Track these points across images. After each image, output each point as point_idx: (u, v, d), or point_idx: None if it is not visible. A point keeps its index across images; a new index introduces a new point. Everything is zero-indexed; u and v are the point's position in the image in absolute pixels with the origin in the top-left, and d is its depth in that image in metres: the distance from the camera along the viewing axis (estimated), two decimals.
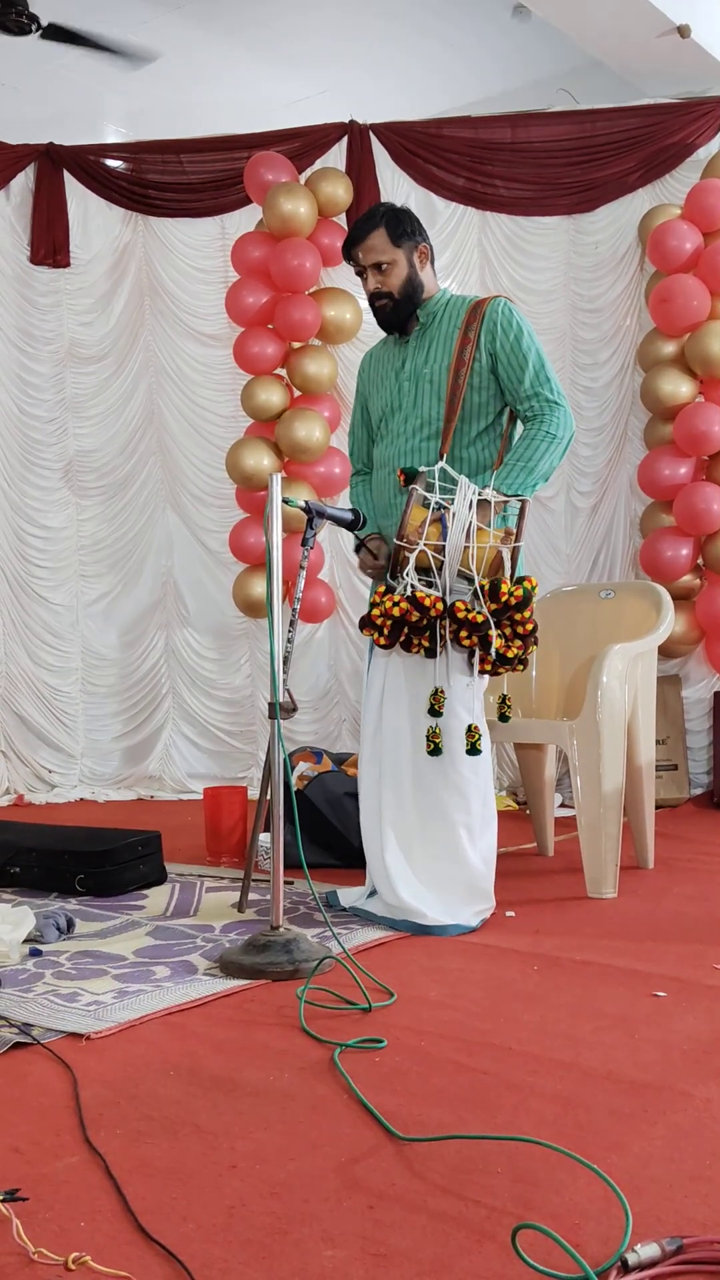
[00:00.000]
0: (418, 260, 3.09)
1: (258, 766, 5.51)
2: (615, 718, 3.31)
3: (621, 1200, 1.45)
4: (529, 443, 2.99)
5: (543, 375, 3.01)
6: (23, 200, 5.65)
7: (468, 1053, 2.05)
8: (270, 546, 2.74)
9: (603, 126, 5.28)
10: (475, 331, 3.03)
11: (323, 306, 5.12)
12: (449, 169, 5.40)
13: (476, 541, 2.83)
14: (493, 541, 2.84)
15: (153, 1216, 1.46)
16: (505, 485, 2.94)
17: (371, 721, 3.12)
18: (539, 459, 2.97)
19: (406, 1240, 1.41)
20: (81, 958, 2.71)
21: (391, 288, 3.07)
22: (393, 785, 3.03)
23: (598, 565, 5.45)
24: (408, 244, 3.07)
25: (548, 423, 2.99)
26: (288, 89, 6.73)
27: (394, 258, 3.05)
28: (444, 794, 2.96)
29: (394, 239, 3.05)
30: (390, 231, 3.05)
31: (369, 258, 3.07)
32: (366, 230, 3.06)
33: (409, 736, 3.00)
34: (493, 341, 3.02)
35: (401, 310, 3.10)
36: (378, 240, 3.05)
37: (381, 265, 3.06)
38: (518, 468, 2.96)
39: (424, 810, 2.99)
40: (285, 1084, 1.93)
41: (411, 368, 3.12)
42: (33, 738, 5.70)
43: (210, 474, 5.62)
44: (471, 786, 2.96)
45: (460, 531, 2.83)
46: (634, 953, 2.70)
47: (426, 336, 3.11)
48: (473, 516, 2.84)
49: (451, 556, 2.83)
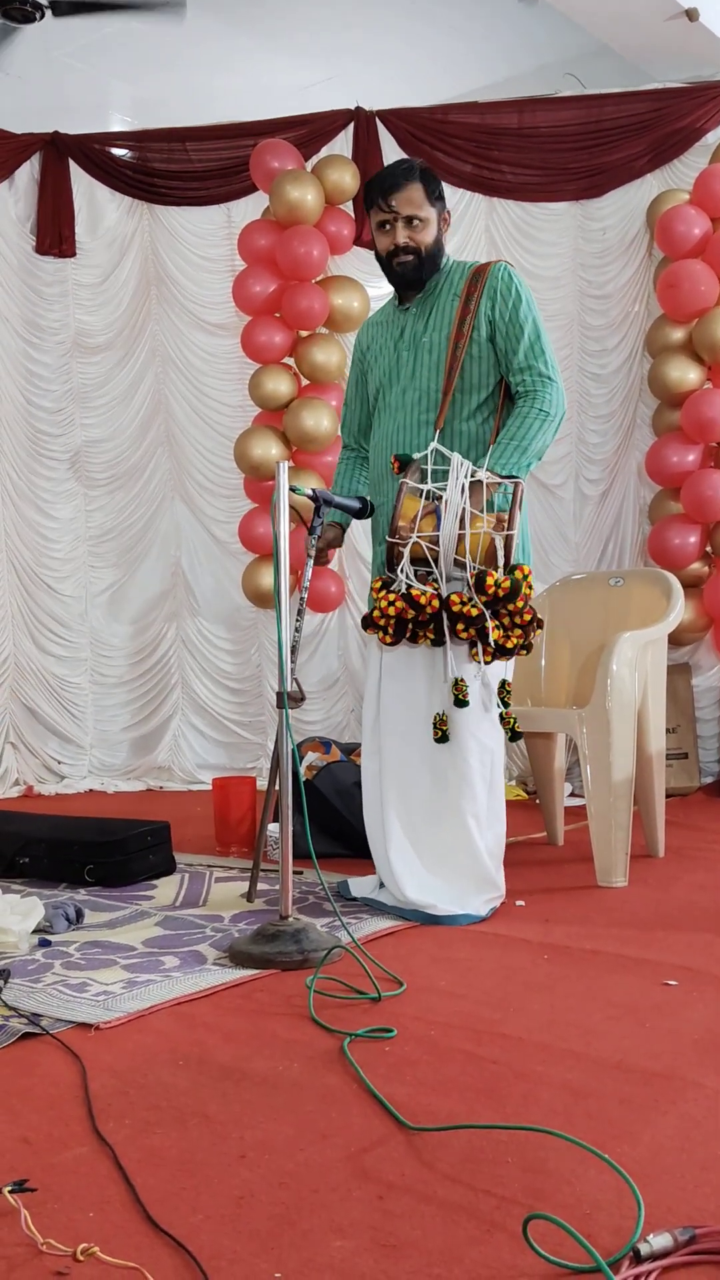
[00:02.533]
0: (443, 224, 3.05)
1: (266, 757, 5.50)
2: (625, 706, 3.30)
3: (633, 1190, 1.45)
4: (522, 420, 2.92)
5: (538, 347, 2.95)
6: (28, 189, 5.63)
7: (477, 1042, 2.05)
8: (277, 535, 2.72)
9: (610, 111, 5.24)
10: (476, 301, 2.97)
11: (330, 294, 5.09)
12: (456, 155, 5.36)
13: (470, 528, 2.79)
14: (486, 528, 2.80)
15: (161, 1207, 1.46)
16: (499, 465, 2.88)
17: (371, 713, 3.11)
18: (532, 437, 2.91)
19: (416, 1230, 1.40)
20: (90, 948, 2.71)
21: (420, 244, 3.00)
22: (396, 776, 3.00)
23: (607, 553, 5.43)
24: (440, 205, 3.03)
25: (540, 399, 2.93)
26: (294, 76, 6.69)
27: (429, 215, 2.99)
28: (452, 783, 2.94)
29: (430, 197, 2.99)
30: (427, 189, 2.99)
31: (405, 209, 2.97)
32: (404, 180, 2.97)
33: (413, 725, 2.97)
34: (491, 309, 2.96)
35: (424, 269, 3.03)
36: (416, 194, 2.97)
37: (415, 220, 2.98)
38: (511, 446, 2.90)
39: (432, 800, 2.97)
40: (294, 1074, 1.92)
41: (411, 336, 3.06)
42: (41, 729, 5.70)
43: (218, 464, 5.61)
44: (479, 776, 2.94)
45: (454, 519, 2.80)
46: (644, 942, 2.69)
47: (428, 304, 3.06)
48: (465, 502, 2.80)
49: (446, 545, 2.80)
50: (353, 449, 3.34)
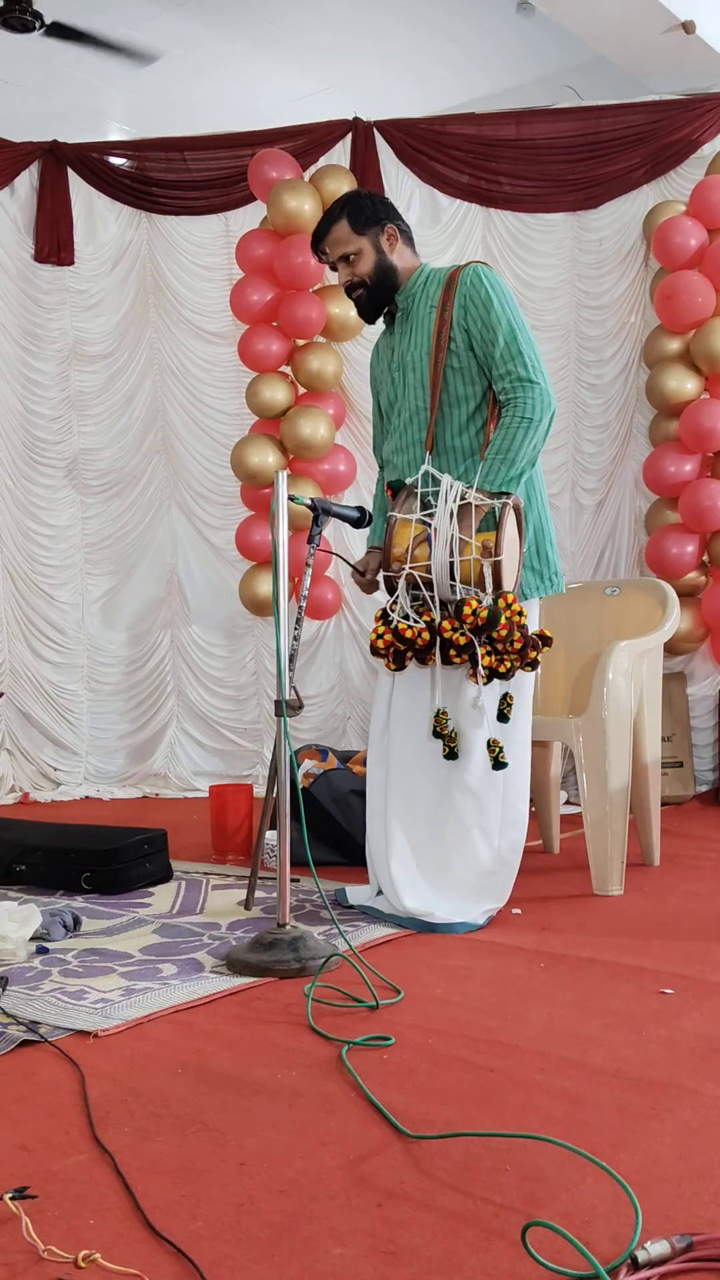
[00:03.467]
0: (385, 243, 3.02)
1: (263, 764, 5.51)
2: (621, 715, 3.31)
3: (631, 1198, 1.45)
4: (505, 431, 2.86)
5: (514, 348, 2.87)
6: (27, 198, 5.65)
7: (475, 1050, 2.05)
8: (276, 544, 2.73)
9: (607, 123, 5.27)
10: (450, 310, 2.92)
11: (327, 303, 5.11)
12: (453, 166, 5.39)
13: (460, 555, 2.77)
14: (475, 554, 2.77)
15: (162, 1214, 1.46)
16: (487, 482, 2.83)
17: (380, 722, 3.11)
18: (518, 448, 2.84)
19: (416, 1238, 1.41)
20: (88, 955, 2.71)
21: (362, 275, 3.01)
22: (401, 786, 3.00)
23: (603, 562, 5.45)
24: (372, 230, 3.01)
25: (521, 405, 2.85)
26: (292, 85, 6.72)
27: (359, 246, 3.00)
28: (457, 796, 2.93)
29: (356, 227, 3.00)
30: (352, 221, 3.00)
31: (335, 251, 3.03)
32: (328, 225, 3.02)
33: (422, 737, 2.97)
34: (465, 316, 2.90)
35: (378, 296, 3.04)
36: (340, 232, 3.01)
37: (348, 256, 3.01)
38: (497, 461, 2.84)
39: (436, 811, 2.96)
40: (293, 1082, 1.93)
41: (399, 357, 3.06)
42: (38, 735, 5.70)
43: (215, 471, 5.63)
44: (488, 789, 2.92)
45: (444, 547, 2.77)
46: (640, 950, 2.70)
47: (409, 323, 3.04)
48: (454, 529, 2.77)
49: (439, 574, 2.78)
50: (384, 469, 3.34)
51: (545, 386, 2.89)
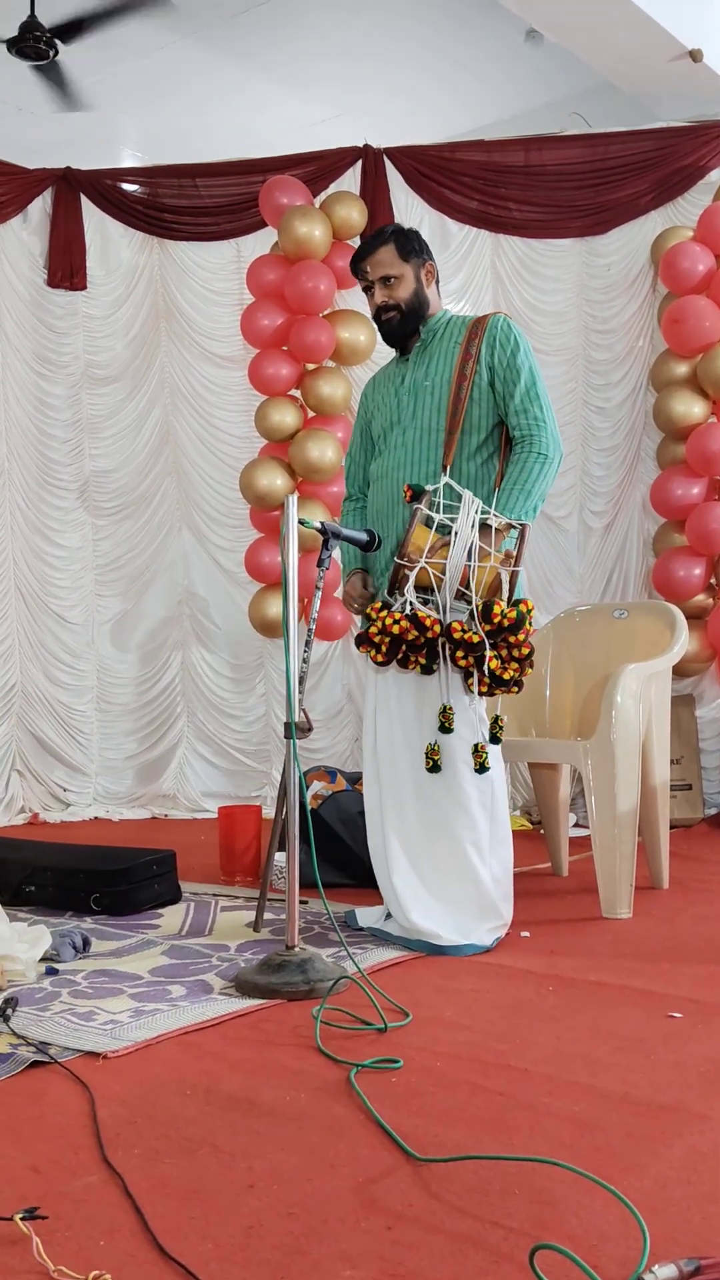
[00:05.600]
0: (424, 277, 3.16)
1: (272, 785, 5.51)
2: (629, 737, 3.31)
3: (639, 1221, 1.46)
4: (523, 465, 3.01)
5: (533, 392, 3.04)
6: (40, 224, 5.70)
7: (484, 1073, 2.06)
8: (286, 567, 2.75)
9: (615, 149, 5.32)
10: (476, 348, 3.07)
11: (337, 328, 5.15)
12: (462, 192, 5.43)
13: (478, 561, 2.84)
14: (493, 562, 2.85)
15: (171, 1235, 1.47)
16: (506, 510, 2.95)
17: (370, 741, 3.14)
18: (534, 481, 2.99)
19: (425, 1261, 1.41)
20: (97, 977, 2.72)
21: (399, 300, 3.13)
22: (394, 804, 3.03)
23: (611, 585, 5.46)
24: (415, 260, 3.15)
25: (537, 443, 3.01)
26: (303, 113, 6.80)
27: (401, 271, 3.13)
28: (450, 812, 2.96)
29: (402, 254, 3.13)
30: (399, 247, 3.13)
31: (377, 271, 3.14)
32: (375, 245, 3.14)
33: (405, 754, 3.01)
34: (491, 355, 3.05)
35: (408, 323, 3.15)
36: (386, 255, 3.13)
37: (389, 279, 3.13)
38: (516, 491, 2.99)
39: (429, 828, 2.99)
40: (302, 1104, 1.93)
41: (412, 382, 3.15)
42: (48, 756, 5.72)
43: (225, 494, 5.66)
44: (476, 805, 2.96)
45: (462, 551, 2.84)
46: (649, 973, 2.70)
47: (428, 352, 3.16)
48: (475, 536, 2.85)
49: (452, 576, 2.84)
50: (356, 500, 3.40)
51: (557, 435, 3.07)
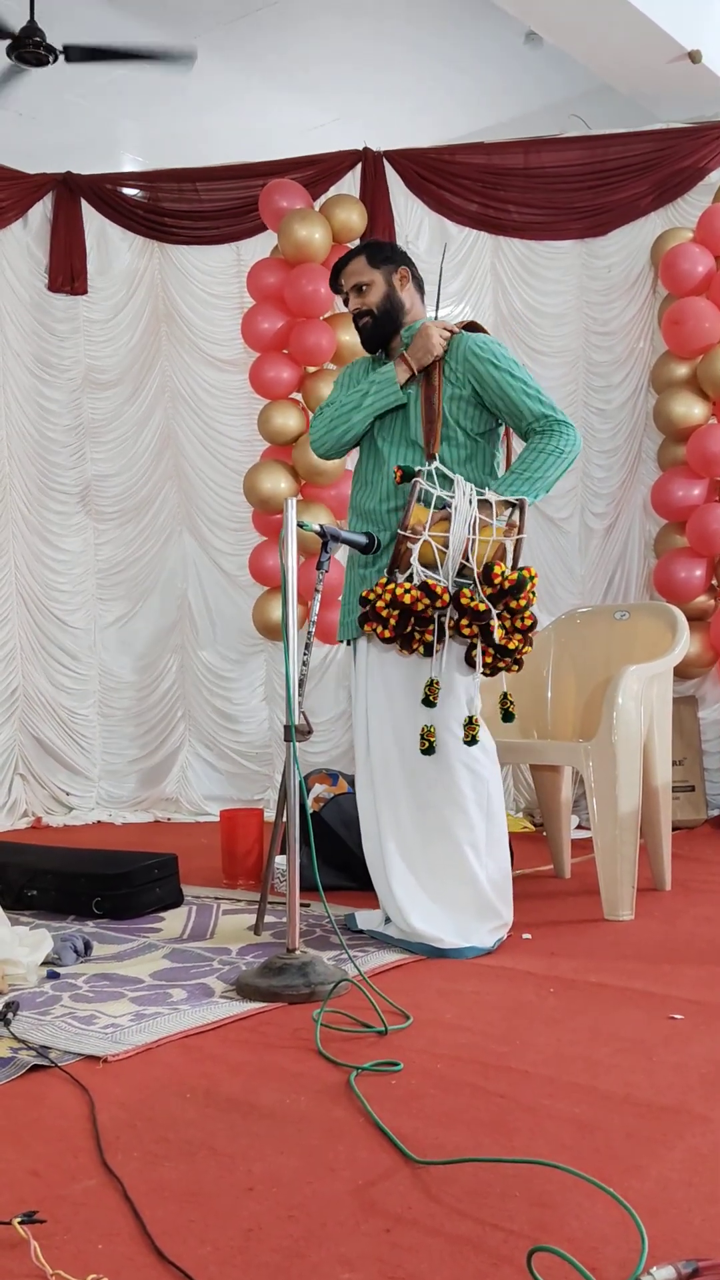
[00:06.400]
0: (397, 282, 3.18)
1: (274, 789, 5.51)
2: (631, 739, 3.31)
3: (638, 1223, 1.45)
4: (537, 454, 2.99)
5: (546, 400, 3.05)
6: (41, 229, 5.71)
7: (484, 1076, 2.05)
8: (285, 570, 2.75)
9: (615, 151, 5.32)
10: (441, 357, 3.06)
11: (337, 331, 5.15)
12: (462, 194, 5.44)
13: (479, 535, 2.83)
14: (496, 535, 2.84)
15: (170, 1239, 1.47)
16: (508, 491, 2.95)
17: (362, 745, 3.13)
18: (542, 472, 2.98)
19: (424, 1263, 1.41)
20: (99, 980, 2.72)
21: (370, 305, 3.17)
22: (389, 807, 3.02)
23: (612, 586, 5.45)
24: (386, 267, 3.19)
25: (558, 438, 3.00)
26: (302, 116, 6.80)
27: (371, 278, 3.17)
28: (446, 812, 2.95)
29: (372, 262, 3.19)
30: (369, 257, 3.20)
31: (349, 281, 3.21)
32: (348, 259, 3.23)
33: (398, 755, 2.99)
34: (475, 370, 3.03)
35: (382, 326, 3.18)
36: (357, 265, 3.20)
37: (361, 286, 3.18)
38: (523, 477, 2.97)
39: (426, 831, 2.98)
40: (302, 1107, 1.93)
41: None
42: (50, 760, 5.72)
43: (227, 498, 5.66)
44: (473, 804, 2.95)
45: (464, 524, 2.83)
46: (651, 975, 2.70)
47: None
48: (474, 510, 2.85)
49: (455, 549, 2.82)
50: None
51: (578, 433, 3.07)
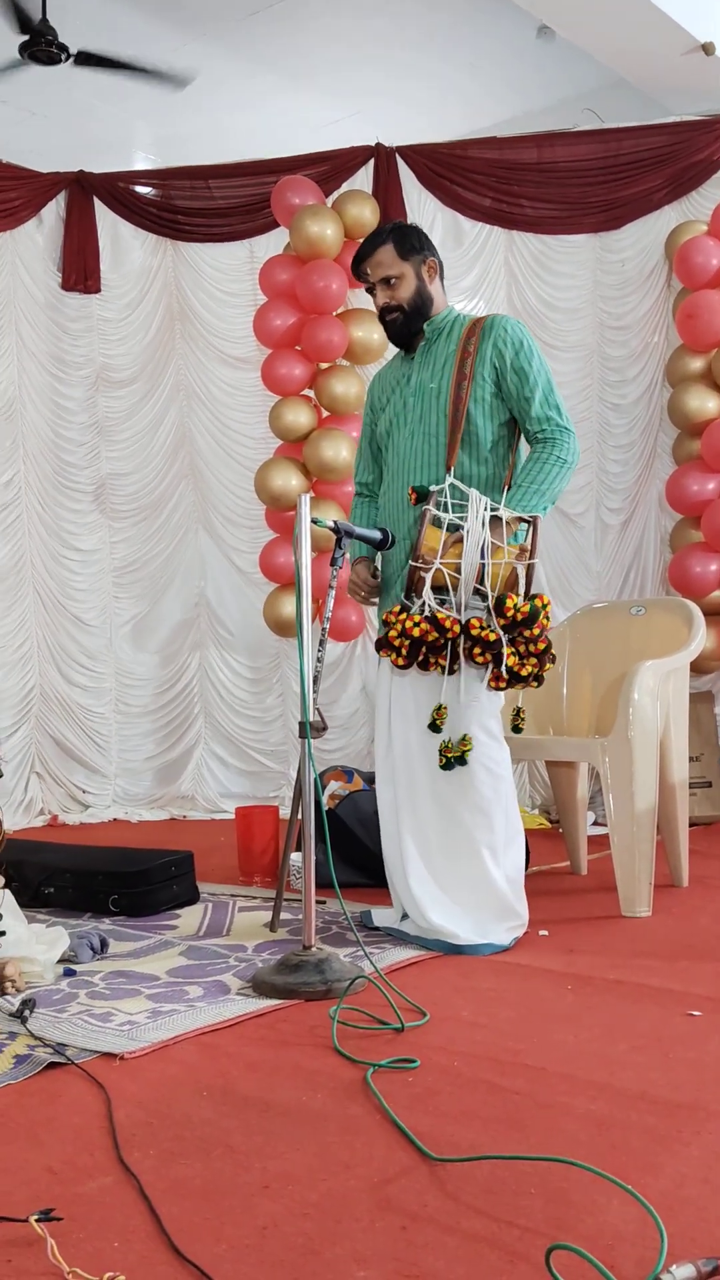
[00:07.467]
0: (426, 274, 3.11)
1: (289, 785, 5.51)
2: (647, 735, 3.30)
3: (656, 1221, 1.44)
4: (541, 465, 2.99)
5: (552, 399, 3.03)
6: (54, 227, 5.72)
7: (501, 1073, 2.05)
8: (299, 566, 2.75)
9: (628, 145, 5.29)
10: (474, 345, 3.03)
11: (349, 327, 5.15)
12: (475, 189, 5.42)
13: (492, 558, 2.83)
14: (508, 558, 2.84)
15: (186, 1236, 1.47)
16: (518, 506, 2.94)
17: (383, 742, 3.13)
18: (550, 482, 2.98)
19: (440, 1261, 1.40)
20: (115, 978, 2.72)
21: (401, 300, 3.09)
22: (409, 807, 3.02)
23: (628, 582, 5.43)
24: (415, 258, 3.10)
25: (559, 447, 3.00)
26: (314, 113, 6.80)
27: (402, 271, 3.08)
28: (465, 814, 2.95)
29: (401, 253, 3.09)
30: (398, 246, 3.09)
31: (377, 272, 3.10)
32: (374, 246, 3.10)
33: (421, 756, 2.99)
34: (500, 357, 3.01)
35: (412, 322, 3.12)
36: (385, 255, 3.09)
37: (390, 279, 3.09)
38: (531, 490, 2.97)
39: (445, 829, 2.98)
40: (318, 1104, 1.93)
41: (417, 382, 3.13)
42: (67, 758, 5.74)
43: (241, 495, 5.66)
44: (493, 805, 2.95)
45: (475, 549, 2.83)
46: (668, 972, 2.69)
47: (431, 352, 3.13)
48: (487, 533, 2.84)
49: (467, 574, 2.83)
50: (365, 495, 3.38)
51: (576, 438, 3.05)
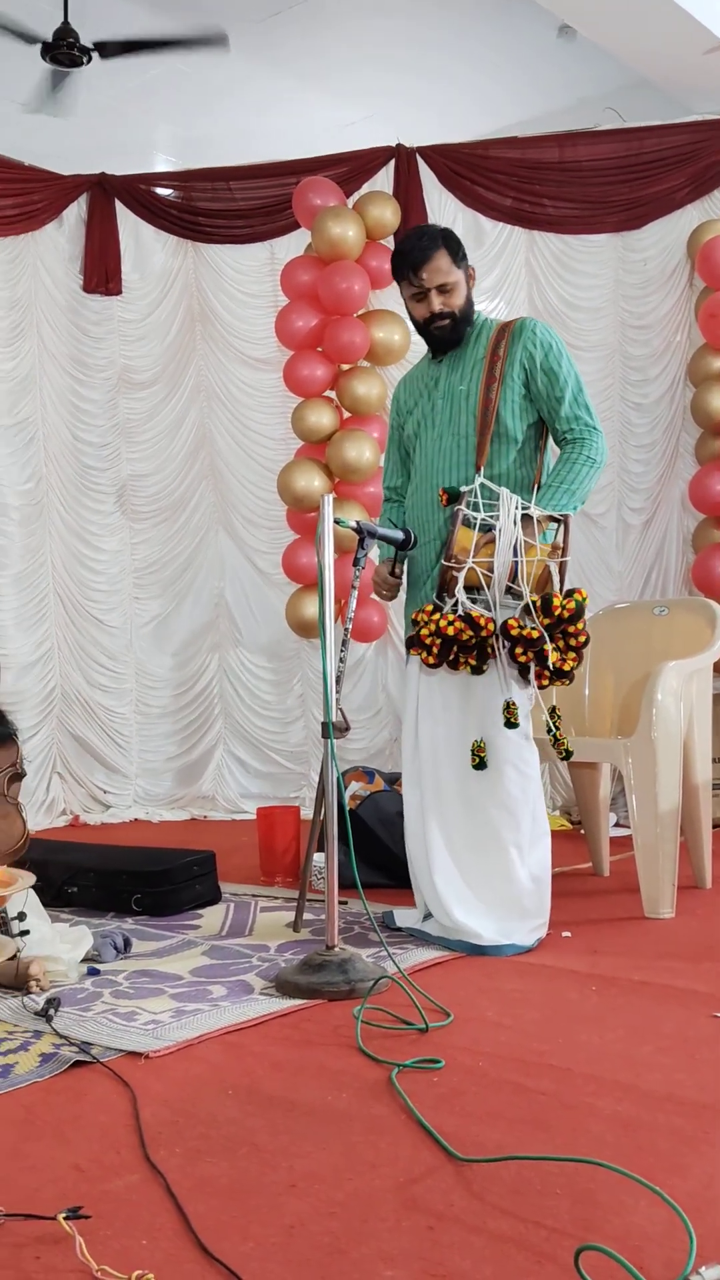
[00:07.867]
0: (469, 281, 3.13)
1: (310, 786, 5.51)
2: (670, 735, 3.28)
3: (685, 1222, 1.44)
4: (571, 465, 3.00)
5: (581, 399, 3.04)
6: (75, 230, 5.74)
7: (526, 1073, 2.04)
8: (322, 567, 2.75)
9: (650, 144, 5.27)
10: (504, 349, 3.04)
11: (371, 328, 5.15)
12: (496, 189, 5.41)
13: (525, 556, 2.83)
14: (540, 556, 2.84)
15: (213, 1235, 1.47)
16: (549, 505, 2.95)
17: (410, 742, 3.13)
18: (580, 482, 2.99)
19: (466, 1261, 1.40)
20: (139, 977, 2.73)
21: (454, 308, 3.08)
22: (437, 806, 3.02)
23: (650, 582, 5.41)
24: (464, 265, 3.11)
25: (589, 447, 3.01)
26: (335, 114, 6.80)
27: (456, 279, 3.07)
28: (493, 813, 2.95)
29: (455, 260, 3.07)
30: (452, 253, 3.07)
31: (435, 279, 3.04)
32: (430, 251, 3.03)
33: (449, 755, 2.99)
34: (530, 359, 3.02)
35: (460, 330, 3.11)
36: (443, 262, 3.04)
37: (446, 286, 3.06)
38: (561, 489, 2.98)
39: (473, 829, 2.98)
40: (343, 1104, 1.93)
41: (446, 386, 3.14)
42: (88, 758, 5.76)
43: (261, 496, 5.67)
44: (520, 805, 2.95)
45: (508, 548, 2.83)
46: (692, 973, 2.67)
47: (460, 355, 3.13)
48: (519, 531, 2.84)
49: (500, 572, 2.83)
50: (393, 500, 3.38)
51: (604, 441, 3.06)
